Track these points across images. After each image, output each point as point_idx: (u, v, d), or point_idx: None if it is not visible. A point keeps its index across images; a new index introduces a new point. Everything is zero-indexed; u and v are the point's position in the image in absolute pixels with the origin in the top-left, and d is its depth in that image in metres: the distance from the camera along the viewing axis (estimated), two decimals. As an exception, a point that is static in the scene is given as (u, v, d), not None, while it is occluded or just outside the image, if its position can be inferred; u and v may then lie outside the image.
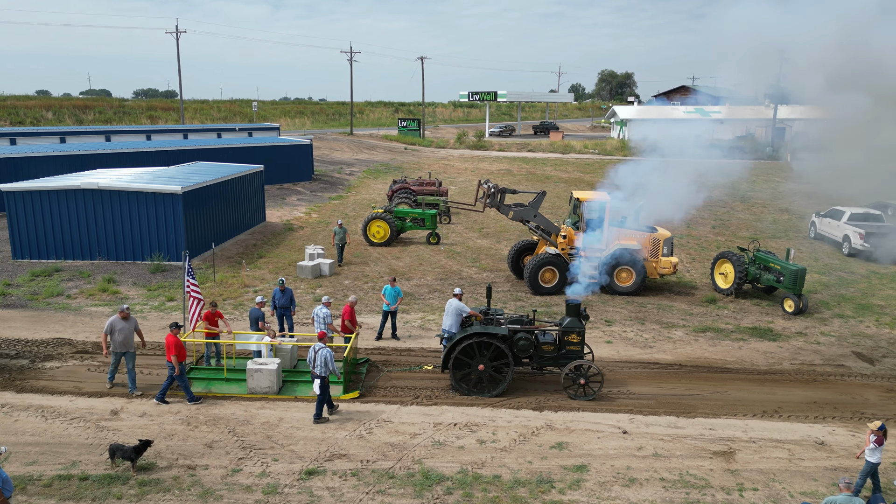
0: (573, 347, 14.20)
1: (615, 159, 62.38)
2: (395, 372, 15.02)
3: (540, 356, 14.20)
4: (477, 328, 13.79)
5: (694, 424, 13.04)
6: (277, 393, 13.76)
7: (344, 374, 13.93)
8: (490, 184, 21.61)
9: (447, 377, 14.82)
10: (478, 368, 13.68)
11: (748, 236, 29.86)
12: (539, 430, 12.63)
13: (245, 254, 25.83)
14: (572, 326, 14.18)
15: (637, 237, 21.29)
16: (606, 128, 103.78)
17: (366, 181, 47.17)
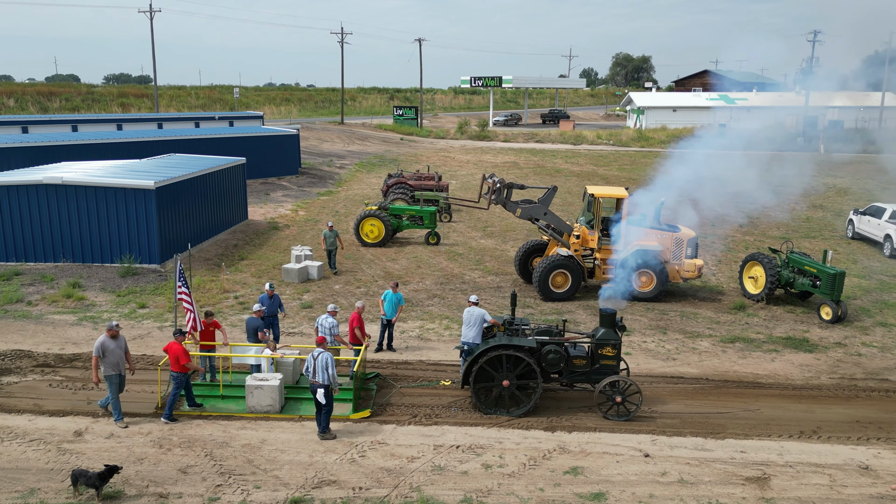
0: (608, 362, 13.99)
1: (632, 151, 62.39)
2: (409, 388, 14.85)
3: (571, 371, 14.02)
4: (501, 340, 13.58)
5: (723, 447, 12.86)
6: (280, 412, 13.66)
7: (354, 391, 13.77)
8: (495, 178, 21.48)
9: (450, 392, 14.62)
10: (502, 385, 13.51)
11: (780, 236, 29.69)
12: (551, 452, 12.45)
13: (225, 255, 25.68)
14: (607, 338, 13.96)
15: (658, 237, 21.10)
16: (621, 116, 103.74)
17: (358, 175, 47.03)
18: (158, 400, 13.79)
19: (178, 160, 29.88)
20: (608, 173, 48.85)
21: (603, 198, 21.05)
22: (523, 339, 13.77)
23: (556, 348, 13.72)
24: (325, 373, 12.61)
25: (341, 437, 12.80)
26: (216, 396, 14.27)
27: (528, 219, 21.73)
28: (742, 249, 27.61)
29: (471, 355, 13.86)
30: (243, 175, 31.16)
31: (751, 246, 28.16)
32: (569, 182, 44.80)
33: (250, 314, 15.87)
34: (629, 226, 21.06)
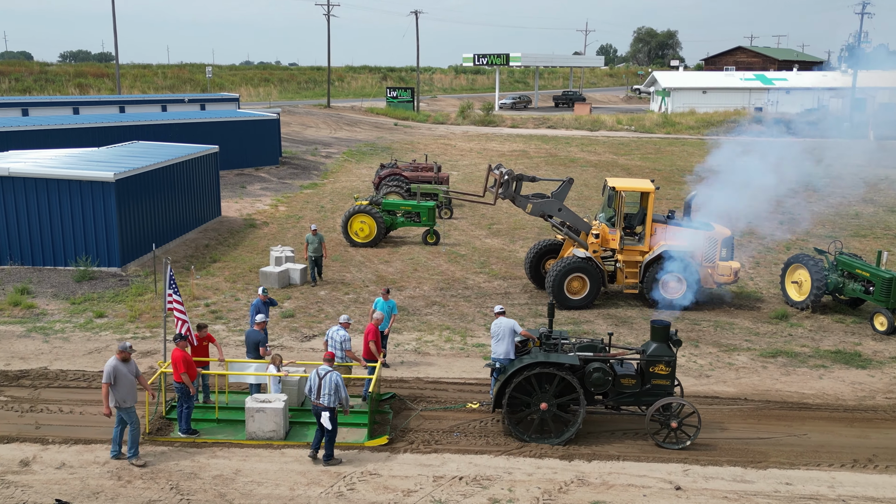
0: (661, 381, 13.77)
1: (656, 138, 62.30)
2: (430, 411, 14.71)
3: (618, 392, 13.82)
4: (538, 356, 13.40)
5: (766, 478, 12.67)
6: (284, 438, 13.47)
7: (369, 414, 13.64)
8: (502, 169, 21.32)
9: (478, 416, 14.44)
10: (539, 408, 13.34)
11: (827, 235, 29.50)
12: (568, 485, 12.25)
13: (195, 257, 25.50)
14: (660, 355, 13.76)
15: (688, 236, 20.92)
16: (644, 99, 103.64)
17: (346, 165, 46.91)
18: (147, 424, 13.57)
19: (141, 149, 29.73)
20: (630, 163, 48.73)
21: (625, 191, 20.88)
22: (564, 355, 13.57)
23: (602, 366, 13.50)
24: (332, 396, 12.50)
25: (327, 467, 12.59)
26: (210, 420, 14.09)
27: (539, 215, 21.55)
28: (783, 250, 27.43)
29: (502, 374, 13.66)
30: (216, 165, 31.03)
31: (793, 246, 27.97)
32: (585, 173, 44.65)
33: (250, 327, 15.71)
34: (655, 224, 20.88)
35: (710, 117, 71.80)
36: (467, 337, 18.90)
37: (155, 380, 13.77)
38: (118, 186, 22.80)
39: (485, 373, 16.77)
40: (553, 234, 24.32)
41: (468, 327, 19.61)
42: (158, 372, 13.94)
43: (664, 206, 32.04)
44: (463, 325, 19.77)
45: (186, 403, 13.30)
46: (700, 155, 52.44)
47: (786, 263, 22.19)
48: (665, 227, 21.07)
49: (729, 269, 20.85)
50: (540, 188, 33.23)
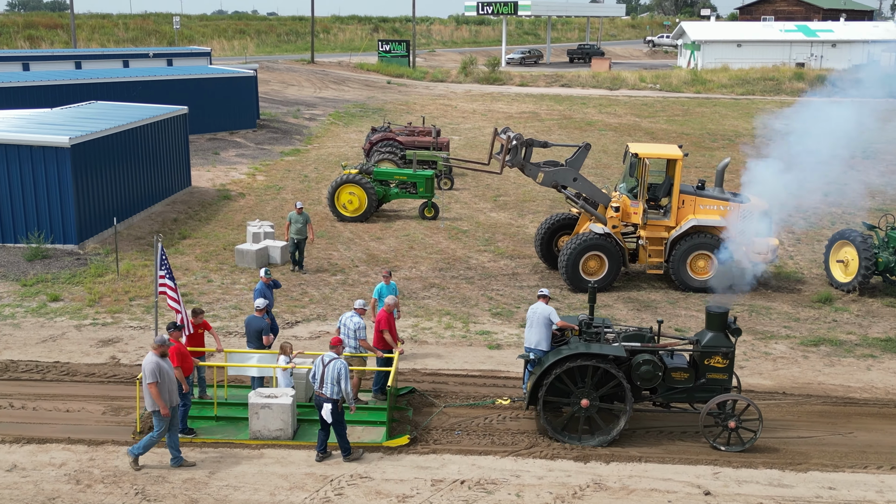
0: (717, 375, 13.76)
1: (684, 98, 62.02)
2: (455, 407, 14.76)
3: (669, 387, 13.82)
4: (579, 347, 13.38)
5: (806, 481, 12.69)
6: (292, 437, 13.52)
7: (388, 411, 13.71)
8: (510, 133, 21.20)
9: (509, 412, 14.49)
10: (580, 405, 13.35)
11: (876, 208, 29.37)
12: (584, 489, 12.28)
13: (162, 233, 25.42)
14: (716, 345, 13.74)
15: (720, 208, 20.86)
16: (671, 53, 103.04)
17: (333, 129, 46.72)
18: (138, 423, 13.59)
19: (100, 110, 29.55)
20: (654, 126, 48.52)
21: (650, 158, 20.77)
22: (607, 345, 13.55)
23: (651, 358, 13.47)
24: (335, 385, 12.55)
25: (312, 470, 12.62)
26: (209, 418, 14.11)
27: (552, 186, 21.46)
28: (827, 225, 27.35)
29: (537, 366, 13.67)
30: (185, 129, 30.88)
31: (838, 220, 27.89)
32: (604, 138, 44.46)
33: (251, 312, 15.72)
34: (683, 195, 20.80)
35: (746, 74, 71.34)
36: (470, 323, 18.90)
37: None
38: (74, 153, 22.66)
39: (490, 363, 16.81)
40: (567, 207, 24.21)
41: (471, 312, 19.60)
42: None
43: (693, 175, 31.92)
44: (465, 310, 19.76)
45: (182, 401, 13.29)
46: (735, 117, 52.26)
47: (830, 240, 22.12)
48: (694, 198, 20.98)
49: (766, 247, 20.79)
50: (552, 155, 33.08)
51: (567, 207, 24.59)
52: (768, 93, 65.24)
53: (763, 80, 69.04)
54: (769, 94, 64.99)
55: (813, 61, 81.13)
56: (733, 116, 52.65)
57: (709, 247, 20.70)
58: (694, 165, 36.38)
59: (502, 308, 19.92)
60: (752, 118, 51.79)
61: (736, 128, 48.28)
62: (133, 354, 16.82)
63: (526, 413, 14.64)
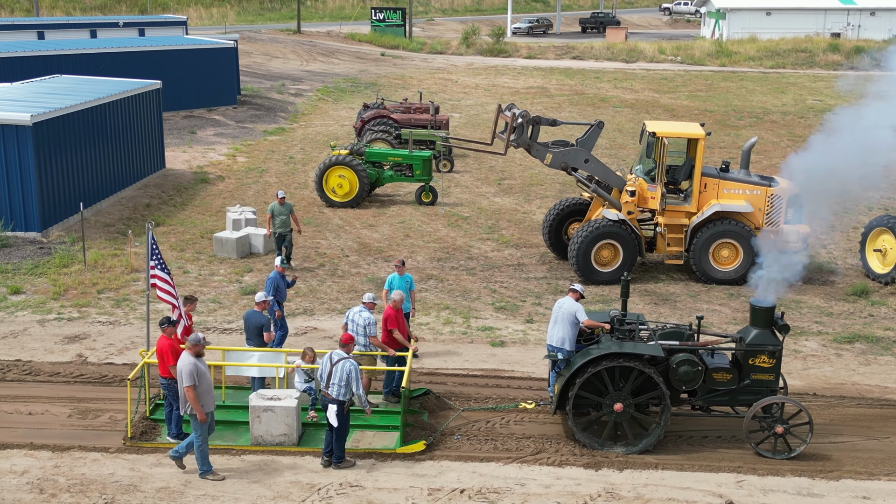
0: (762, 376, 13.80)
1: (707, 72, 61.95)
2: (474, 411, 14.82)
3: (709, 389, 13.85)
4: (611, 346, 13.43)
5: (838, 490, 12.72)
6: (297, 443, 13.59)
7: (402, 415, 13.79)
8: (515, 110, 21.22)
9: (534, 418, 14.56)
10: (613, 409, 13.42)
11: (917, 192, 29.39)
12: (594, 499, 12.33)
13: (133, 220, 25.48)
14: (762, 343, 13.79)
15: (746, 193, 20.88)
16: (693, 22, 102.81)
17: (321, 106, 46.69)
18: (129, 428, 13.66)
19: (66, 84, 29.56)
20: (675, 103, 48.50)
21: (669, 138, 20.78)
22: (642, 344, 13.60)
23: (690, 357, 13.50)
24: (343, 388, 12.63)
25: (298, 478, 12.67)
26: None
27: (561, 168, 21.48)
28: (864, 212, 27.36)
29: (566, 368, 13.70)
30: (159, 105, 30.89)
31: (876, 206, 27.90)
32: (619, 116, 44.44)
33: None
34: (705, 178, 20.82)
35: (776, 45, 71.22)
36: (471, 318, 18.95)
37: (137, 373, 13.80)
38: (36, 131, 22.67)
39: (493, 362, 16.89)
40: (578, 191, 24.25)
41: (472, 307, 19.66)
42: (142, 363, 13.97)
43: (717, 156, 31.93)
44: (466, 304, 19.81)
45: (176, 403, 13.35)
46: (763, 92, 52.21)
47: (867, 227, 22.14)
48: (718, 181, 21.00)
49: (796, 234, 20.83)
50: (562, 134, 33.09)
51: (578, 192, 24.64)
52: (800, 66, 65.21)
53: (794, 51, 68.91)
54: (801, 67, 64.96)
55: (850, 31, 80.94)
56: (761, 92, 52.63)
57: (733, 235, 20.73)
58: (718, 146, 36.43)
59: (506, 302, 19.98)
60: (782, 94, 51.83)
61: (764, 104, 48.30)
62: (101, 352, 16.88)
63: (531, 416, 14.71)
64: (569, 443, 13.81)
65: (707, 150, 33.96)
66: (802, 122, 43.20)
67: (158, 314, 15.87)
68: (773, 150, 36.66)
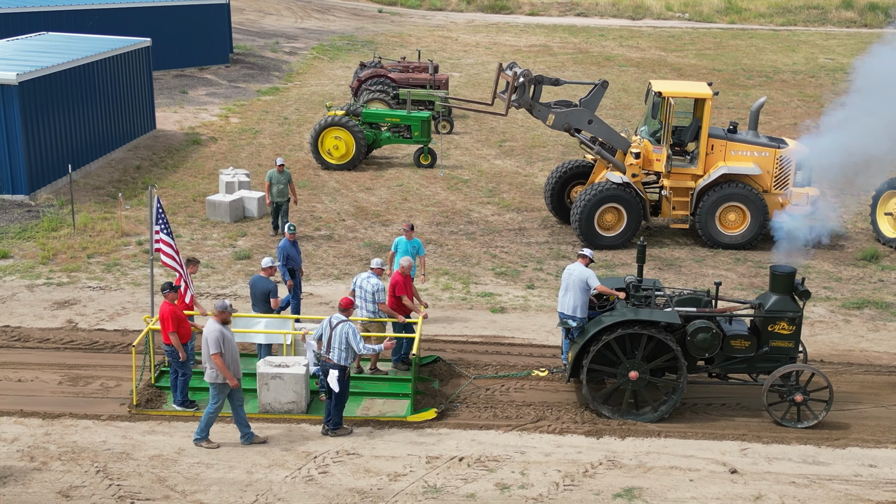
0: (782, 343, 13.88)
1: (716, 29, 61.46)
2: (486, 378, 14.96)
3: (727, 357, 13.94)
4: (626, 313, 13.49)
5: (844, 458, 12.85)
6: (306, 411, 13.75)
7: (412, 382, 13.93)
8: (517, 69, 21.10)
9: (548, 385, 14.67)
10: (628, 377, 13.51)
11: (931, 154, 29.33)
12: (595, 467, 12.45)
13: (123, 182, 25.45)
14: (782, 309, 13.82)
15: (754, 154, 20.84)
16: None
17: (316, 65, 46.40)
18: (134, 395, 13.76)
19: (52, 42, 29.33)
20: (682, 61, 48.20)
21: (675, 98, 20.70)
22: (658, 310, 13.65)
23: (707, 324, 13.55)
24: (343, 352, 12.73)
25: (294, 446, 12.79)
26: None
27: (564, 129, 21.43)
28: (876, 173, 27.24)
29: (580, 335, 13.75)
30: (149, 64, 30.70)
31: (889, 168, 27.78)
32: (625, 75, 44.18)
33: (257, 272, 15.80)
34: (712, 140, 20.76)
35: (787, 1, 70.57)
36: (471, 284, 19.01)
37: (141, 340, 13.90)
38: (23, 91, 22.55)
39: (493, 328, 16.98)
40: (581, 153, 24.19)
41: (472, 272, 19.70)
42: (146, 329, 14.05)
43: (725, 117, 31.80)
44: (465, 269, 19.86)
45: (182, 370, 13.44)
46: (773, 51, 51.85)
47: (878, 190, 22.08)
48: (725, 143, 20.94)
49: (805, 198, 20.83)
50: (565, 94, 32.87)
51: (581, 154, 24.57)
52: (812, 23, 64.59)
53: (806, 8, 68.24)
54: (813, 24, 64.35)
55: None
56: (772, 50, 52.25)
57: (741, 198, 20.71)
58: (726, 106, 36.27)
59: (507, 267, 20.02)
60: (793, 52, 51.49)
61: (775, 63, 47.98)
62: (92, 318, 16.95)
63: (532, 383, 14.82)
64: (570, 410, 13.95)
65: (715, 111, 33.86)
66: (814, 82, 42.97)
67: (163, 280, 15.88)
68: (783, 111, 36.53)
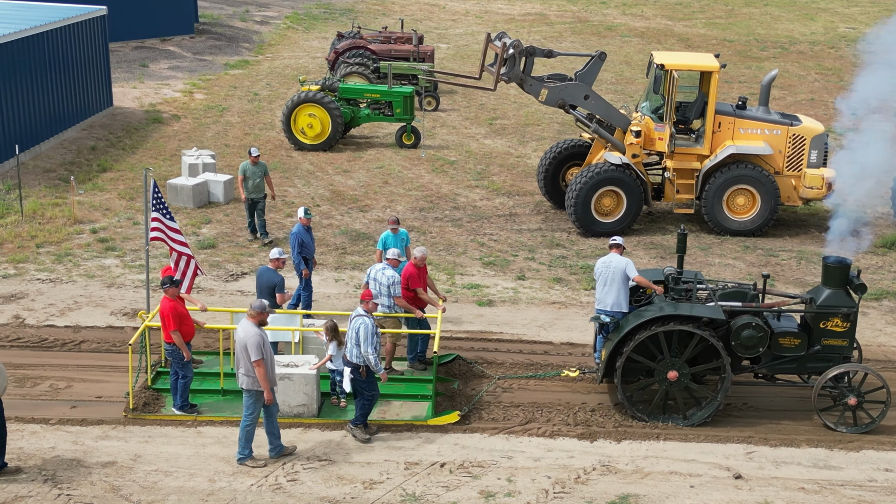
0: (835, 341, 13.87)
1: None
2: (512, 378, 15.04)
3: (775, 356, 13.95)
4: (665, 307, 13.51)
5: (858, 462, 12.94)
6: (317, 414, 13.83)
7: (433, 383, 14.02)
8: (506, 40, 21.08)
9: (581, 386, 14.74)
10: (667, 378, 13.55)
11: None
12: (588, 473, 12.50)
13: (77, 164, 25.40)
14: (835, 305, 13.83)
15: (765, 133, 20.91)
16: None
17: (290, 35, 46.30)
18: (130, 399, 13.77)
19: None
20: (690, 31, 48.24)
21: (678, 70, 20.72)
22: (700, 305, 13.67)
23: (754, 320, 13.58)
24: (356, 348, 12.82)
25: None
26: (214, 391, 14.35)
27: (558, 105, 21.43)
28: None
29: (615, 332, 13.79)
30: (104, 35, 30.59)
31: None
32: (628, 46, 44.22)
33: (264, 263, 15.85)
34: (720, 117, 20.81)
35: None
36: (456, 275, 19.07)
37: (137, 338, 13.91)
38: (-36, 65, 22.54)
39: (479, 323, 17.05)
40: (578, 131, 24.22)
41: (457, 262, 19.75)
42: (142, 326, 14.06)
43: (736, 92, 31.87)
44: (450, 258, 19.90)
45: (182, 371, 13.46)
46: (790, 19, 51.94)
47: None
48: (733, 120, 21.00)
49: (821, 180, 20.92)
50: (562, 67, 32.93)
51: (578, 132, 24.60)
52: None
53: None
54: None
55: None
56: (788, 19, 52.34)
57: (750, 180, 20.78)
58: (738, 80, 36.40)
59: (496, 256, 20.08)
60: (811, 21, 51.59)
61: (791, 33, 48.09)
62: (41, 314, 16.93)
63: (521, 383, 14.88)
64: (562, 411, 14.03)
65: (725, 86, 34.18)
66: (833, 53, 43.10)
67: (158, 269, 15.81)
68: (799, 85, 36.66)
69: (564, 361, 15.60)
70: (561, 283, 18.83)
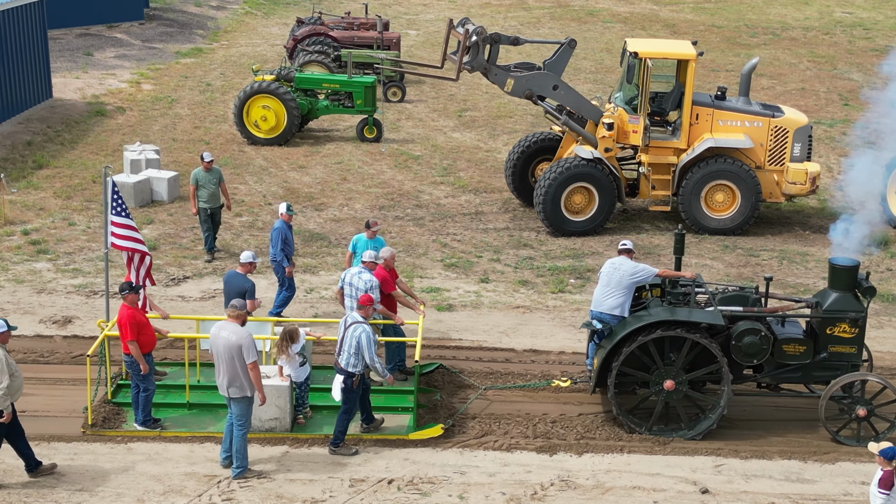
0: (843, 348, 13.97)
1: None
2: (499, 389, 15.11)
3: (779, 364, 14.05)
4: (660, 312, 13.57)
5: (833, 475, 13.01)
6: (290, 429, 13.82)
7: (415, 394, 14.06)
8: (470, 26, 21.07)
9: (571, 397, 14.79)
10: (663, 387, 13.61)
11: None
12: (546, 488, 12.54)
13: (10, 161, 25.28)
14: (843, 309, 13.90)
15: (745, 125, 21.04)
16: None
17: (248, 21, 46.20)
18: (89, 414, 13.72)
19: (-75, -4, 28.98)
20: (677, 17, 48.41)
21: (653, 59, 20.79)
22: (699, 310, 13.73)
23: (756, 326, 13.64)
24: (353, 357, 12.87)
25: (195, 468, 12.80)
26: (179, 405, 14.35)
27: (525, 96, 21.47)
28: (888, 148, 27.53)
29: (607, 338, 13.82)
30: (43, 20, 30.46)
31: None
32: (609, 33, 44.33)
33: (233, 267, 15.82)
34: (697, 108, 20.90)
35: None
36: (415, 278, 19.07)
37: (96, 349, 13.85)
38: None
39: (439, 329, 17.04)
40: (549, 124, 24.24)
41: (417, 264, 19.78)
42: (101, 336, 13.98)
43: (720, 81, 31.98)
44: (410, 260, 19.92)
45: (143, 384, 13.40)
46: (782, 3, 52.17)
47: (889, 166, 22.19)
48: (712, 111, 21.08)
49: (805, 175, 21.04)
50: (529, 55, 32.99)
51: (548, 125, 24.63)
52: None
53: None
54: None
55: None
56: (781, 3, 52.56)
57: (730, 175, 20.87)
58: (724, 68, 36.57)
59: (458, 258, 20.11)
60: (805, 5, 51.85)
61: (783, 18, 48.33)
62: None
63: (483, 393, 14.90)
64: (520, 423, 14.06)
65: (711, 75, 34.38)
66: (827, 40, 43.33)
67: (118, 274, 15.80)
68: (790, 73, 36.86)
69: (526, 370, 15.67)
70: (527, 286, 18.88)
